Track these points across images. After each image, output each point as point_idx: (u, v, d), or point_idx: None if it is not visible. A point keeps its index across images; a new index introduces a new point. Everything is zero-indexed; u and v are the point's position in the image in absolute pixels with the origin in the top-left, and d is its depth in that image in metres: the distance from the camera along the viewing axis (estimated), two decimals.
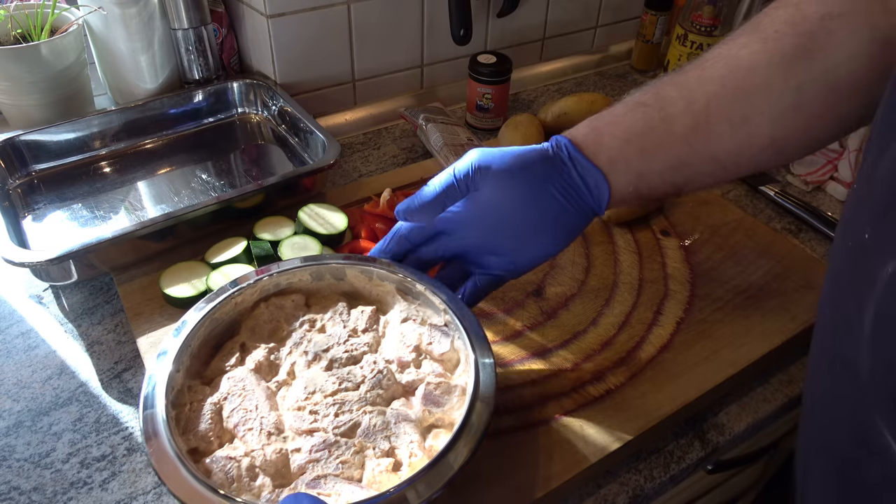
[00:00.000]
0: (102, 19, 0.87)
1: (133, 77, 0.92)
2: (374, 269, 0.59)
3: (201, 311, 0.54)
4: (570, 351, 0.65)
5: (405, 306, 0.58)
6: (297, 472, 0.47)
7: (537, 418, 0.58)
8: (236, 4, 0.96)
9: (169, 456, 0.44)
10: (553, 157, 0.54)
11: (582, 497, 0.57)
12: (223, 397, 0.51)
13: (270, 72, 0.94)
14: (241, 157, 0.90)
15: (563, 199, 0.53)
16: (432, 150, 0.90)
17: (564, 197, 0.53)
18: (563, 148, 0.54)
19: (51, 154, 0.84)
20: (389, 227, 0.74)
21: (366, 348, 0.55)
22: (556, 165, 0.54)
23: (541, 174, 0.53)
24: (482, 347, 0.52)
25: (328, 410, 0.49)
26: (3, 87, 0.83)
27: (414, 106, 1.03)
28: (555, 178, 0.53)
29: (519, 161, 0.54)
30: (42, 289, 0.72)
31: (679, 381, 0.62)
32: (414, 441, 0.48)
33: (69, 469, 0.56)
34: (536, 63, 1.18)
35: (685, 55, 1.03)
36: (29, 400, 0.61)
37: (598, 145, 0.53)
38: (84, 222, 0.77)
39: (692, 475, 0.63)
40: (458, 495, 0.52)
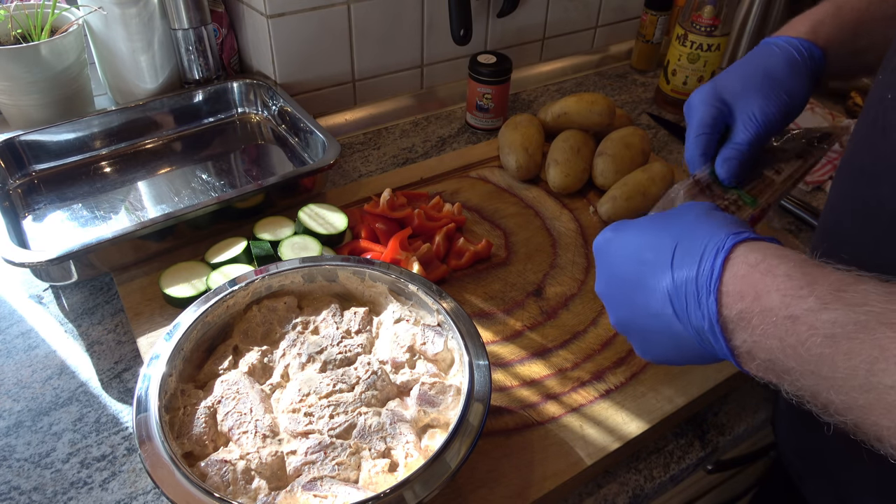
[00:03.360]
0: (102, 19, 0.87)
1: (133, 77, 0.92)
2: (367, 271, 0.59)
3: (193, 314, 0.54)
4: (570, 351, 0.65)
5: (398, 307, 0.58)
6: (293, 474, 0.47)
7: (536, 418, 0.58)
8: (236, 4, 0.96)
9: (163, 460, 0.44)
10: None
11: (582, 497, 0.57)
12: (217, 401, 0.51)
13: (270, 72, 0.94)
14: (241, 157, 0.90)
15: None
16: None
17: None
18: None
19: (51, 154, 0.84)
20: (389, 227, 0.74)
21: (359, 349, 0.55)
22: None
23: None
24: (476, 346, 0.52)
25: (323, 412, 0.49)
26: (3, 87, 0.83)
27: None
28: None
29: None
30: (42, 289, 0.72)
31: (679, 381, 0.62)
32: (410, 441, 0.48)
33: (69, 469, 0.56)
34: (536, 63, 1.18)
35: (685, 55, 1.02)
36: (29, 400, 0.61)
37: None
38: (84, 222, 0.77)
39: (692, 475, 0.63)
40: (455, 495, 0.52)
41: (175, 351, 0.51)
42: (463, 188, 0.86)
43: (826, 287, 0.34)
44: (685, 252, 0.40)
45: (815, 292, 0.34)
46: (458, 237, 0.76)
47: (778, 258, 0.37)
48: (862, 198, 0.47)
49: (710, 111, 0.58)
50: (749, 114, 0.57)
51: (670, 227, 0.43)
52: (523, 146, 0.86)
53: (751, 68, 0.59)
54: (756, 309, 0.36)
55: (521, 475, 0.54)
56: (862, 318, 0.32)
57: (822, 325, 0.33)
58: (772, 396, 0.65)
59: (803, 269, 0.36)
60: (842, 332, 0.32)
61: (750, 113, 0.57)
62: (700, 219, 0.43)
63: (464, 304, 0.70)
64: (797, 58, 0.58)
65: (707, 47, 1.00)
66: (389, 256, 0.70)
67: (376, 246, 0.73)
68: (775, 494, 0.75)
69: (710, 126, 0.58)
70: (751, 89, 0.58)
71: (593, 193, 0.86)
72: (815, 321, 0.33)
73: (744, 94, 0.58)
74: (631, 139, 0.85)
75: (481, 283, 0.72)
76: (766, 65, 0.58)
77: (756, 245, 0.38)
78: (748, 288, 0.37)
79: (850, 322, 0.32)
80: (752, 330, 0.36)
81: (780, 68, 0.58)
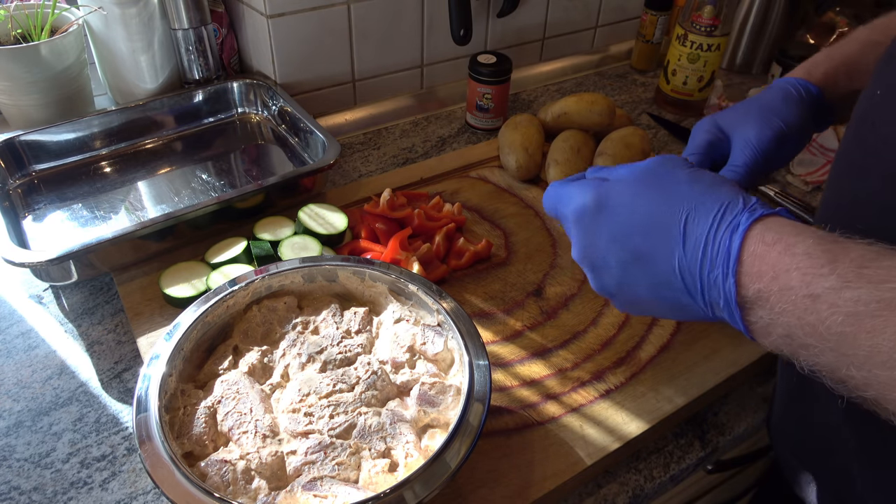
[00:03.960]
0: (102, 19, 0.87)
1: (133, 77, 0.92)
2: (367, 271, 0.59)
3: (193, 314, 0.54)
4: (570, 351, 0.65)
5: (398, 307, 0.58)
6: (293, 474, 0.47)
7: (536, 418, 0.58)
8: (236, 4, 0.96)
9: (163, 460, 0.44)
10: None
11: (582, 497, 0.57)
12: (217, 401, 0.51)
13: (270, 72, 0.94)
14: (241, 157, 0.90)
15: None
16: None
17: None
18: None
19: (51, 154, 0.84)
20: (389, 227, 0.74)
21: (359, 349, 0.55)
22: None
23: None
24: (476, 346, 0.52)
25: (323, 412, 0.49)
26: (3, 87, 0.83)
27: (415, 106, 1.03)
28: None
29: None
30: (42, 289, 0.72)
31: (679, 381, 0.62)
32: (410, 441, 0.48)
33: (69, 469, 0.56)
34: (536, 63, 1.18)
35: (685, 55, 1.02)
36: (29, 400, 0.61)
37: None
38: (84, 222, 0.77)
39: (692, 475, 0.63)
40: (455, 495, 0.52)
41: (175, 351, 0.51)
42: (463, 188, 0.86)
43: (847, 264, 0.34)
44: (696, 228, 0.39)
45: (837, 270, 0.34)
46: (458, 237, 0.76)
47: (795, 235, 0.36)
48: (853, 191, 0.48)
49: (706, 137, 0.61)
50: (745, 139, 0.60)
51: (672, 199, 0.41)
52: (523, 146, 0.86)
53: (749, 103, 0.63)
54: (774, 288, 0.36)
55: (521, 475, 0.54)
56: (886, 295, 0.32)
57: (845, 304, 0.33)
58: (769, 396, 0.65)
59: (823, 247, 0.35)
60: (865, 310, 0.32)
61: (746, 138, 0.60)
62: (700, 186, 0.41)
63: (464, 304, 0.70)
64: (792, 92, 0.61)
65: (707, 47, 1.00)
66: (389, 256, 0.70)
67: (376, 246, 0.73)
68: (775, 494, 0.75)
69: (703, 150, 0.61)
70: (747, 117, 0.61)
71: None
72: (836, 299, 0.33)
73: (740, 122, 0.61)
74: (631, 139, 0.85)
75: (481, 283, 0.72)
76: (763, 98, 0.62)
77: (771, 222, 0.38)
78: (766, 267, 0.36)
79: (874, 300, 0.32)
80: (770, 308, 0.36)
81: (776, 101, 0.61)
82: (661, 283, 0.42)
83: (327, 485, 0.45)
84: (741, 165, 0.59)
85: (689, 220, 0.40)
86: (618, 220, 0.43)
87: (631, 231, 0.42)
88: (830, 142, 0.92)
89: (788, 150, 0.61)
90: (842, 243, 0.35)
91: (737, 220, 0.38)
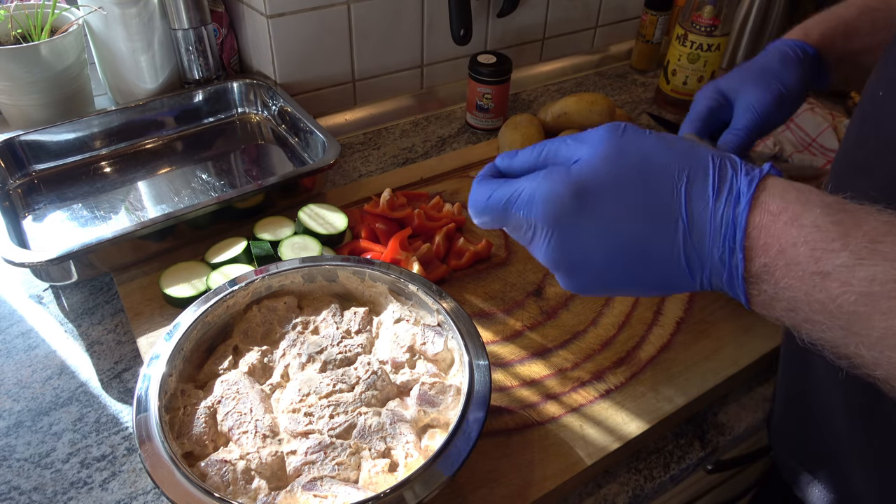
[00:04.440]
0: (102, 19, 0.87)
1: (133, 77, 0.92)
2: (367, 271, 0.59)
3: (193, 314, 0.54)
4: (570, 351, 0.65)
5: (398, 307, 0.58)
6: (292, 474, 0.47)
7: (536, 418, 0.58)
8: (236, 4, 0.96)
9: (163, 460, 0.44)
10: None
11: (582, 497, 0.57)
12: (217, 401, 0.51)
13: (270, 72, 0.94)
14: (241, 157, 0.90)
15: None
16: None
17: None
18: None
19: (51, 154, 0.84)
20: (389, 227, 0.74)
21: (359, 349, 0.55)
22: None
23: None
24: (476, 346, 0.52)
25: (323, 412, 0.49)
26: (3, 87, 0.83)
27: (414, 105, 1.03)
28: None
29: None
30: (42, 289, 0.72)
31: (679, 381, 0.62)
32: (410, 441, 0.48)
33: (69, 469, 0.56)
34: (536, 63, 1.18)
35: (685, 55, 1.02)
36: (29, 400, 0.61)
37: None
38: (84, 222, 0.77)
39: (692, 475, 0.63)
40: (455, 496, 0.52)
41: (175, 351, 0.51)
42: (463, 188, 0.86)
43: (860, 238, 0.31)
44: (698, 203, 0.35)
45: (850, 246, 0.31)
46: (458, 237, 0.76)
47: (801, 204, 0.33)
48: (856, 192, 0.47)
49: (708, 104, 0.63)
50: (747, 102, 0.61)
51: (657, 173, 0.37)
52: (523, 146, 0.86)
53: (748, 66, 0.64)
54: (780, 262, 0.33)
55: (521, 475, 0.54)
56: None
57: (858, 283, 0.31)
58: (769, 396, 0.65)
59: (832, 217, 0.32)
60: (881, 290, 0.30)
61: (748, 102, 0.61)
62: (677, 151, 0.37)
63: (464, 304, 0.70)
64: (790, 53, 0.63)
65: (707, 47, 1.00)
66: (389, 256, 0.70)
67: (376, 246, 0.73)
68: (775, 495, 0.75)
69: (703, 116, 0.63)
70: (748, 82, 0.62)
71: None
72: (849, 278, 0.31)
73: (742, 87, 0.63)
74: None
75: (481, 283, 0.72)
76: (762, 62, 0.64)
77: (772, 187, 0.35)
78: (772, 240, 0.34)
79: (891, 279, 0.30)
80: (776, 283, 0.34)
81: (775, 63, 0.63)
82: (657, 267, 0.38)
83: (327, 485, 0.45)
84: (742, 129, 0.61)
85: (687, 195, 0.36)
86: (606, 209, 0.37)
87: (623, 218, 0.37)
88: (830, 142, 0.92)
89: (787, 109, 0.63)
90: (852, 213, 0.33)
91: (737, 187, 0.35)
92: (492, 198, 0.41)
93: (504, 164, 0.44)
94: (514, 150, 0.44)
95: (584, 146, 0.39)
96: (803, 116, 0.95)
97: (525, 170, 0.42)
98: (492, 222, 0.43)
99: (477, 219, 0.43)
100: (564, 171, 0.38)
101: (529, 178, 0.40)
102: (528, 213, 0.39)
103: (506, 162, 0.44)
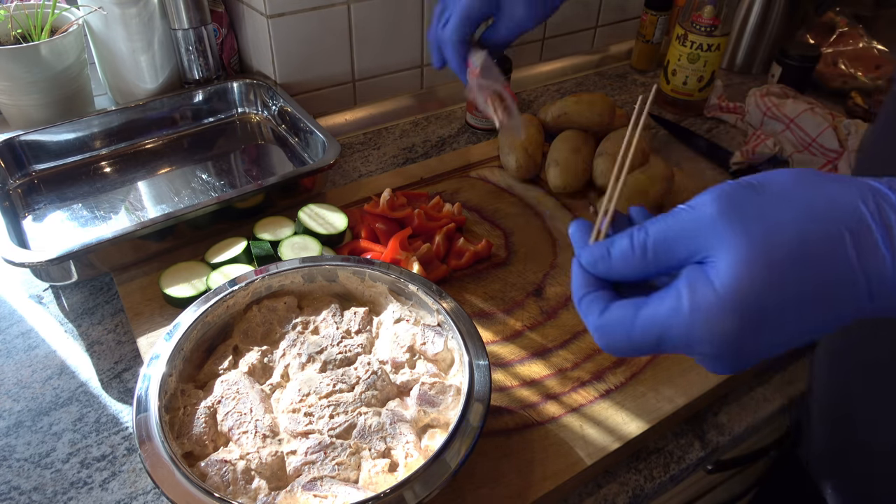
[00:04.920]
0: (102, 19, 0.87)
1: (133, 77, 0.92)
2: (367, 271, 0.59)
3: (193, 314, 0.54)
4: (570, 351, 0.65)
5: (398, 307, 0.58)
6: (292, 474, 0.47)
7: (536, 418, 0.58)
8: (236, 4, 0.96)
9: (163, 460, 0.44)
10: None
11: (582, 497, 0.57)
12: (217, 401, 0.51)
13: (270, 72, 0.94)
14: (241, 157, 0.90)
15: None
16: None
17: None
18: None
19: (51, 154, 0.84)
20: (389, 227, 0.74)
21: (359, 349, 0.55)
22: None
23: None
24: (476, 346, 0.52)
25: (323, 412, 0.49)
26: (3, 87, 0.83)
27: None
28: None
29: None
30: (42, 289, 0.72)
31: (679, 381, 0.62)
32: (410, 441, 0.48)
33: (69, 469, 0.56)
34: (536, 63, 1.18)
35: (685, 55, 1.02)
36: (29, 400, 0.61)
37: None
38: (84, 222, 0.77)
39: (692, 475, 0.63)
40: (455, 496, 0.52)
41: (175, 351, 0.51)
42: (463, 188, 0.86)
43: None
44: (868, 254, 0.31)
45: None
46: (458, 237, 0.76)
47: None
48: None
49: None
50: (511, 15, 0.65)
51: (828, 221, 0.32)
52: (523, 146, 0.86)
53: None
54: None
55: (521, 475, 0.54)
56: None
57: None
58: (772, 397, 0.65)
59: None
60: None
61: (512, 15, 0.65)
62: (837, 203, 0.32)
63: (464, 304, 0.70)
64: None
65: (707, 47, 1.00)
66: (389, 256, 0.70)
67: (376, 246, 0.73)
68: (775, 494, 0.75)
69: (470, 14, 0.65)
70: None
71: (593, 193, 0.86)
72: None
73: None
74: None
75: (481, 283, 0.73)
76: None
77: None
78: None
79: None
80: None
81: None
82: (834, 327, 0.33)
83: (327, 485, 0.45)
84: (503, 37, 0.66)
85: (858, 256, 0.31)
86: (776, 317, 0.32)
87: (797, 314, 0.32)
88: (830, 142, 0.92)
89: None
90: None
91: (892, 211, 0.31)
92: (634, 340, 0.35)
93: (601, 269, 0.37)
94: (600, 249, 0.37)
95: (705, 239, 0.33)
96: (803, 116, 0.95)
97: (633, 277, 0.36)
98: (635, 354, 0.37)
99: (618, 355, 0.37)
100: (712, 295, 0.32)
101: (668, 307, 0.33)
102: (690, 351, 0.34)
103: (601, 268, 0.37)
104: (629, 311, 0.35)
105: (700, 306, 0.32)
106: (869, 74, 1.13)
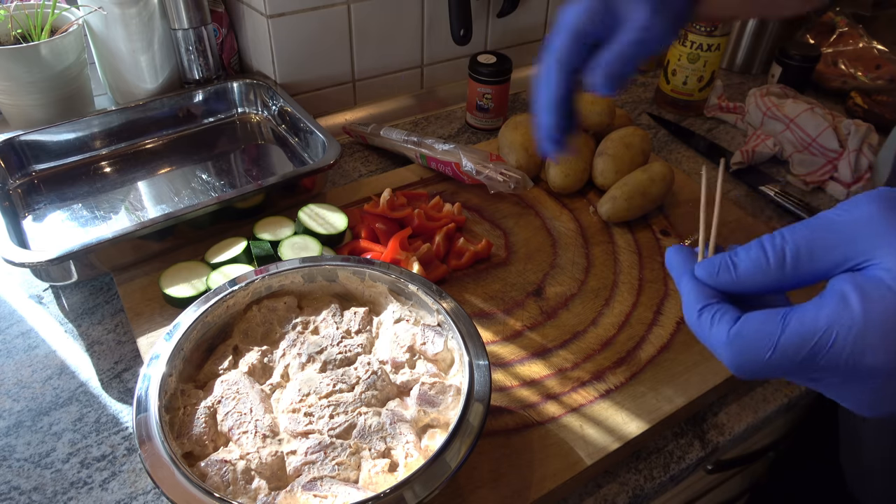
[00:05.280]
0: (102, 19, 0.87)
1: (133, 77, 0.92)
2: (367, 271, 0.59)
3: (193, 314, 0.54)
4: (570, 351, 0.65)
5: (398, 307, 0.58)
6: (292, 474, 0.47)
7: (536, 418, 0.58)
8: (236, 4, 0.96)
9: (163, 460, 0.44)
10: None
11: (582, 497, 0.57)
12: (217, 401, 0.51)
13: (270, 72, 0.94)
14: (241, 157, 0.90)
15: None
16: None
17: None
18: None
19: (51, 154, 0.84)
20: (389, 227, 0.74)
21: (359, 349, 0.55)
22: None
23: None
24: (476, 346, 0.52)
25: (323, 412, 0.49)
26: (3, 87, 0.83)
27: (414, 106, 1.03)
28: None
29: None
30: (42, 289, 0.72)
31: (679, 381, 0.62)
32: (410, 441, 0.48)
33: (69, 469, 0.56)
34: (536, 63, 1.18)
35: (685, 55, 1.02)
36: (29, 400, 0.61)
37: None
38: (84, 222, 0.77)
39: (692, 475, 0.63)
40: (455, 496, 0.52)
41: (175, 351, 0.51)
42: (463, 188, 0.86)
43: None
44: None
45: None
46: (458, 237, 0.76)
47: None
48: None
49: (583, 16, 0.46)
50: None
51: None
52: (523, 146, 0.86)
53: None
54: None
55: (521, 475, 0.54)
56: None
57: None
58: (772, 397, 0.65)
59: None
60: None
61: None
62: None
63: (464, 304, 0.70)
64: None
65: (707, 47, 1.00)
66: (389, 256, 0.70)
67: (376, 246, 0.73)
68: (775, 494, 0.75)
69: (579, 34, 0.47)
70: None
71: (593, 193, 0.86)
72: None
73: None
74: (631, 139, 0.85)
75: (481, 283, 0.73)
76: None
77: None
78: None
79: None
80: None
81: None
82: None
83: (327, 485, 0.45)
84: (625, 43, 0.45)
85: None
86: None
87: None
88: (830, 142, 0.92)
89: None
90: None
91: None
92: (784, 351, 0.31)
93: (723, 280, 0.34)
94: (722, 258, 0.34)
95: (866, 242, 0.30)
96: (803, 116, 0.95)
97: (760, 290, 0.33)
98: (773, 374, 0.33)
99: (746, 376, 0.33)
100: (892, 297, 0.29)
101: (831, 312, 0.30)
102: (852, 366, 0.30)
103: (724, 279, 0.33)
104: (774, 320, 0.31)
105: (875, 308, 0.29)
106: (869, 74, 1.13)
